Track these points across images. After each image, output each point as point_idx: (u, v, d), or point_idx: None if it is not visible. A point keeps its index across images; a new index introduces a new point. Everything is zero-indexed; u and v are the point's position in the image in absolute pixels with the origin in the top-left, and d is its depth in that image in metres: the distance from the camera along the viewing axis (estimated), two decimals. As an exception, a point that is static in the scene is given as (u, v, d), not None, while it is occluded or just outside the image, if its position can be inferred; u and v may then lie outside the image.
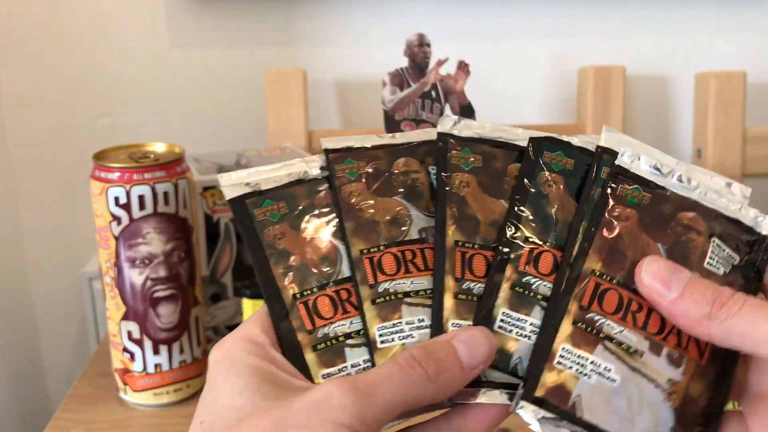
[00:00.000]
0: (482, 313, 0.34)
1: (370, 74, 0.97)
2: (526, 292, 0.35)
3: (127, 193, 0.59)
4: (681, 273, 0.32)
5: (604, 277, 0.34)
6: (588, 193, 0.36)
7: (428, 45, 0.83)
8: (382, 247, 0.36)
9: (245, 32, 0.97)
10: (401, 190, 0.37)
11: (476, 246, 0.36)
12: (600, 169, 0.36)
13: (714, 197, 0.36)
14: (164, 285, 0.62)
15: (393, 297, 0.35)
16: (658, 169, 0.36)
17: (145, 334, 0.63)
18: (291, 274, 0.36)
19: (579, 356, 0.33)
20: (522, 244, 0.35)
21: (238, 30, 0.96)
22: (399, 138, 0.39)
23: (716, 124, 0.92)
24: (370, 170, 0.38)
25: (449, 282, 0.35)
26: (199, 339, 0.66)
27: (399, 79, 0.83)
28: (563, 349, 0.33)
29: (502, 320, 0.34)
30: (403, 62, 0.84)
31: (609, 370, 0.32)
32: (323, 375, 0.34)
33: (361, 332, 0.35)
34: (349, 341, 0.35)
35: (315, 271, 0.36)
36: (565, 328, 0.33)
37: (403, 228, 0.36)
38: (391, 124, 0.84)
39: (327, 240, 0.36)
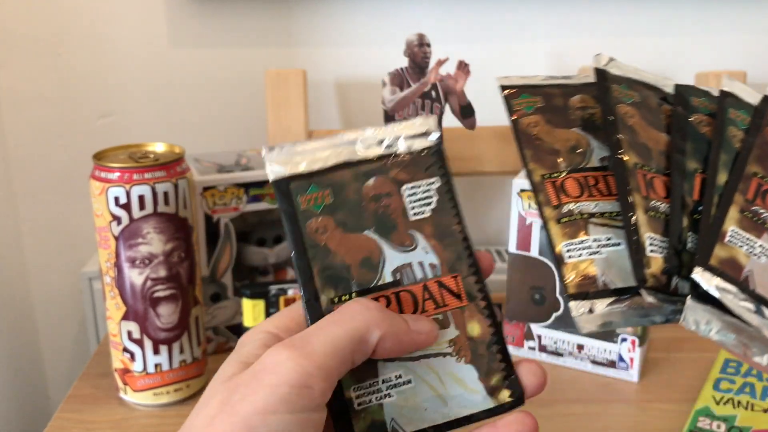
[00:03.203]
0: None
1: (370, 74, 0.97)
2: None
3: (127, 193, 0.59)
4: None
5: (765, 178, 0.37)
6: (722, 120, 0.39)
7: (428, 45, 0.83)
8: (564, 173, 0.36)
9: (245, 32, 0.96)
10: (579, 122, 0.39)
11: (653, 170, 0.37)
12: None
13: None
14: (164, 285, 0.62)
15: (578, 216, 0.35)
16: None
17: (145, 334, 0.63)
18: (330, 274, 0.33)
19: (748, 238, 0.35)
20: (693, 176, 0.37)
21: (238, 30, 0.96)
22: (568, 80, 0.41)
23: (716, 124, 0.92)
24: (546, 104, 0.39)
25: (638, 198, 0.35)
26: (199, 339, 0.66)
27: (399, 79, 0.83)
28: (732, 230, 0.35)
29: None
30: (403, 62, 0.83)
31: None
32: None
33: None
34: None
35: (355, 274, 0.33)
36: (733, 213, 0.35)
37: (584, 156, 0.37)
38: (391, 124, 0.84)
39: (371, 240, 0.34)
